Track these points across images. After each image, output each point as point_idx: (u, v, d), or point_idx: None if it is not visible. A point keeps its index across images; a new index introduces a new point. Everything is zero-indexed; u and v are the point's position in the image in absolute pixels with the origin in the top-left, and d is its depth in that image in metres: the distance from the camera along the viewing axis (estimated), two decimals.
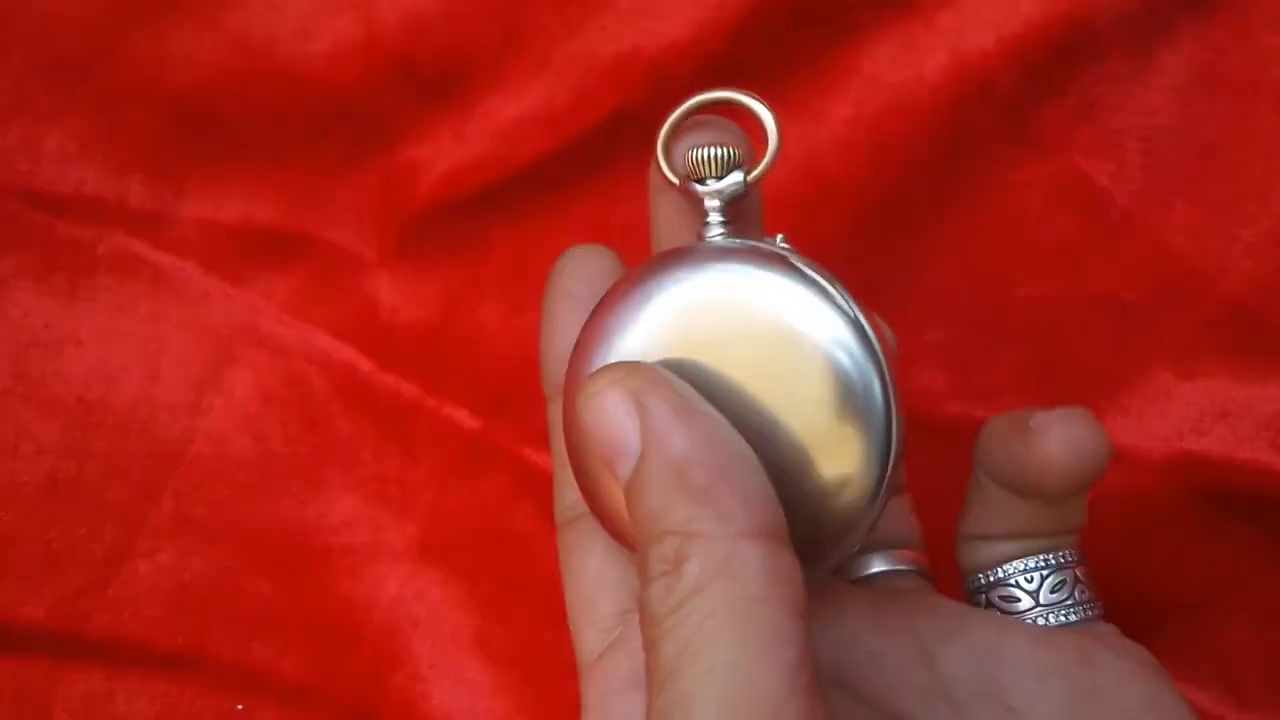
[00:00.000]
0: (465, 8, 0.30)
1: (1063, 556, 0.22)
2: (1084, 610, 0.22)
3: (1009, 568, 0.22)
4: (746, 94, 0.22)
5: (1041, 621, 0.21)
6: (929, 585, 0.23)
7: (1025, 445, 0.21)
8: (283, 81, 0.30)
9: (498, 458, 0.32)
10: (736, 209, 0.22)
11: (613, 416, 0.18)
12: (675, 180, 0.22)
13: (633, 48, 0.29)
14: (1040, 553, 0.22)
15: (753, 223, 0.23)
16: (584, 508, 0.22)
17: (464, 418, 0.32)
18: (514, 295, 0.32)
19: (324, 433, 0.32)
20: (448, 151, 0.31)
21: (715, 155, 0.22)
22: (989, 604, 0.22)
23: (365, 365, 0.32)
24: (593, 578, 0.22)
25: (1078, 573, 0.22)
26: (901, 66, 0.28)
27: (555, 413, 0.23)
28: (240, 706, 0.30)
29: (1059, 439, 0.20)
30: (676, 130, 0.22)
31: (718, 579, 0.16)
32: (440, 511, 0.32)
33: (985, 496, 0.22)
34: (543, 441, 0.25)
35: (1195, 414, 0.28)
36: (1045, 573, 0.21)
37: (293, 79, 0.30)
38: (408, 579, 0.31)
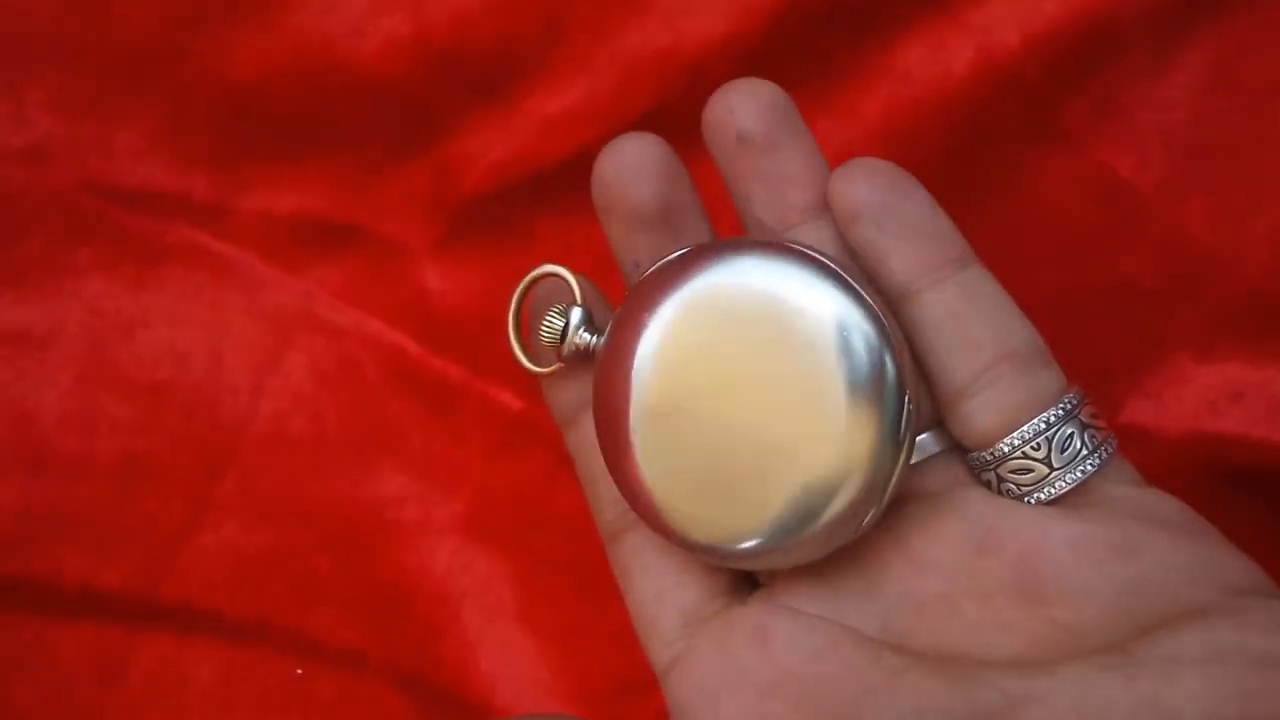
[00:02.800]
0: (511, 7, 0.31)
1: (1061, 409, 0.21)
2: (1099, 456, 0.21)
3: (1011, 440, 0.21)
4: (556, 265, 0.23)
5: (1062, 485, 0.21)
6: (950, 464, 0.23)
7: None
8: (337, 78, 0.31)
9: (540, 438, 0.33)
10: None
11: None
12: (550, 366, 0.23)
13: (671, 45, 0.30)
14: (1036, 413, 0.21)
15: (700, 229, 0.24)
16: (624, 522, 0.23)
17: (509, 399, 0.33)
18: None
19: (376, 413, 0.33)
20: (494, 144, 0.32)
21: (551, 324, 0.22)
22: (1000, 481, 0.21)
23: (414, 349, 0.33)
24: (650, 595, 0.23)
25: (1082, 417, 0.21)
26: (931, 63, 0.29)
27: (575, 440, 0.24)
28: (300, 671, 0.31)
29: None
30: (522, 322, 0.23)
31: None
32: (486, 489, 0.33)
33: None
34: None
35: (1212, 396, 0.29)
36: (1050, 434, 0.21)
37: (346, 76, 0.31)
38: (455, 552, 0.32)
